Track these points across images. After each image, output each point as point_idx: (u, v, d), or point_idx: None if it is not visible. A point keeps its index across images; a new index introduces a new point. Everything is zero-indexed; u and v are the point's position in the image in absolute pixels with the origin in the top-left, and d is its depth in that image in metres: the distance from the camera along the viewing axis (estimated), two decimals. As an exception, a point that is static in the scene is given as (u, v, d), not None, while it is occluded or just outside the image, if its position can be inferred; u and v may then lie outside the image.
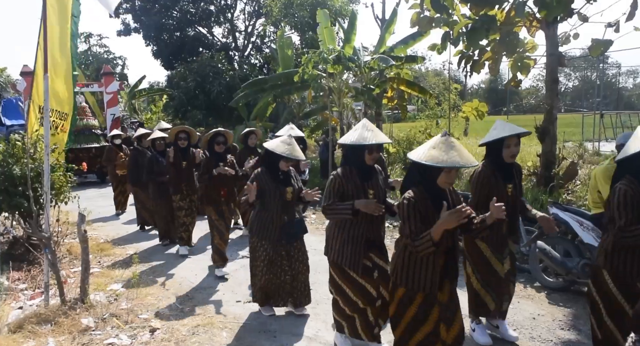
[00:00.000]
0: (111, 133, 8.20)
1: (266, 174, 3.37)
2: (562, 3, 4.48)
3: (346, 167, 2.78)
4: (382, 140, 2.68)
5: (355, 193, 2.69)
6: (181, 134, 5.22)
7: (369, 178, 2.78)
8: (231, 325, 3.48)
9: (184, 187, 5.30)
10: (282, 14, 14.75)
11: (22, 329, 3.26)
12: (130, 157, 6.63)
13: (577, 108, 21.31)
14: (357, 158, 2.73)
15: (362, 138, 2.64)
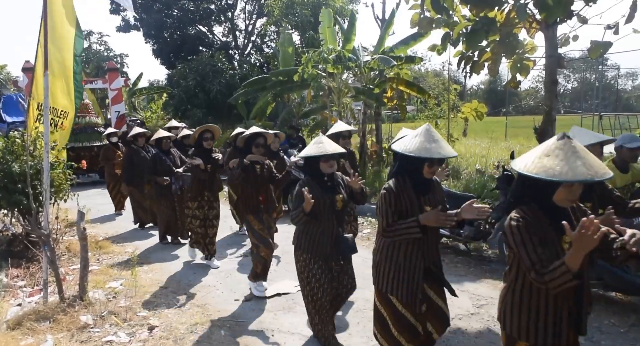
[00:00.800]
0: (107, 132, 8.08)
1: (311, 182, 2.92)
2: (561, 5, 4.49)
3: (399, 177, 2.41)
4: (448, 154, 2.29)
5: (410, 210, 2.33)
6: (206, 134, 4.72)
7: (426, 191, 2.42)
8: (229, 323, 3.49)
9: (207, 194, 4.81)
10: (283, 13, 14.75)
11: (21, 326, 3.27)
12: (125, 156, 6.55)
13: (576, 110, 21.37)
14: (414, 169, 2.37)
15: (424, 149, 2.27)
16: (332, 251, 2.92)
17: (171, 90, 16.25)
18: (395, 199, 2.33)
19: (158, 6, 19.84)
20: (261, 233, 3.92)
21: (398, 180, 2.40)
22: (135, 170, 6.29)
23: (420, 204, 2.37)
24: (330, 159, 2.88)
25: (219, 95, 14.43)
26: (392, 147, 2.50)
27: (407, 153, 2.28)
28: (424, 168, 2.34)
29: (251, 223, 3.93)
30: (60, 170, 4.65)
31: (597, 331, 3.23)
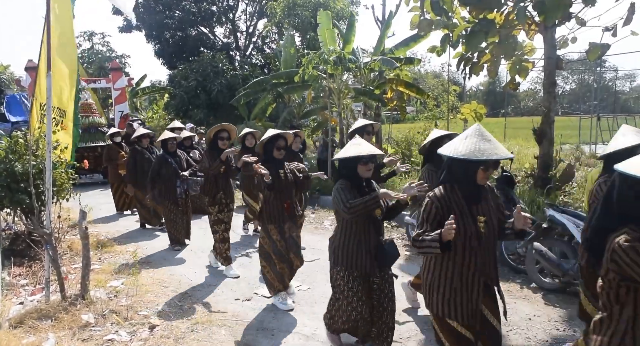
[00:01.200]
0: (110, 131, 7.98)
1: (348, 186, 2.65)
2: (560, 7, 4.54)
3: (447, 185, 2.16)
4: (505, 155, 2.02)
5: (461, 221, 2.07)
6: (222, 133, 4.51)
7: (478, 199, 2.16)
8: (230, 322, 3.51)
9: (222, 196, 4.56)
10: (284, 14, 14.79)
11: (23, 324, 3.29)
12: (129, 157, 6.50)
13: (575, 111, 21.42)
14: (467, 175, 2.11)
15: (478, 150, 2.01)
16: (372, 264, 2.65)
17: (172, 91, 16.28)
18: (436, 209, 2.09)
19: (160, 7, 19.90)
20: (278, 244, 3.62)
21: (446, 188, 2.15)
22: (139, 171, 6.27)
23: (472, 214, 2.11)
24: (369, 162, 2.64)
25: (220, 95, 14.47)
26: (439, 151, 2.21)
27: (459, 157, 2.03)
28: (477, 173, 2.09)
29: (270, 233, 3.63)
30: (63, 170, 4.67)
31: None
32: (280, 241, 3.64)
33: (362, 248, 2.66)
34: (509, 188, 4.43)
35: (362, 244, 2.66)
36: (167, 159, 5.42)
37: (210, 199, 4.54)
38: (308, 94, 9.72)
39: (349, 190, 2.62)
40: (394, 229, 6.23)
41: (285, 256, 3.67)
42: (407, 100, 10.20)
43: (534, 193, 5.90)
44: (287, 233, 3.68)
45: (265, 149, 3.67)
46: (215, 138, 4.50)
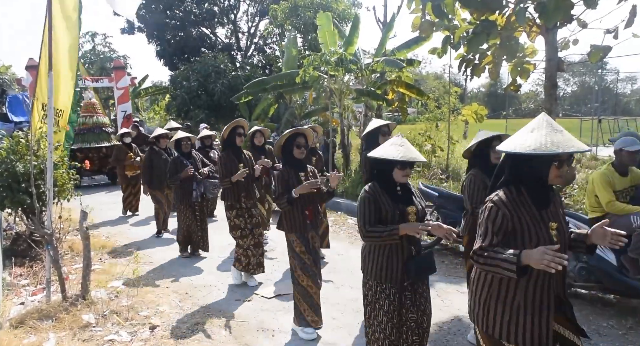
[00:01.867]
0: (120, 132, 7.74)
1: (378, 189, 2.38)
2: (561, 9, 4.53)
3: (511, 188, 1.83)
4: (582, 148, 1.72)
5: (533, 228, 1.76)
6: (239, 129, 4.30)
7: (548, 203, 1.84)
8: (230, 323, 3.51)
9: (244, 200, 4.25)
10: (286, 15, 14.81)
11: (24, 324, 3.29)
12: (145, 158, 6.20)
13: (576, 113, 21.40)
14: (538, 173, 1.79)
15: (551, 143, 1.68)
16: (403, 276, 2.35)
17: (174, 91, 16.31)
18: (503, 216, 1.76)
19: (161, 8, 19.95)
20: (303, 257, 3.20)
21: (510, 191, 1.82)
22: (155, 173, 5.98)
23: (544, 220, 1.79)
24: (409, 167, 2.35)
25: (222, 96, 14.49)
26: (498, 148, 1.91)
27: (528, 152, 1.70)
28: (550, 170, 1.76)
29: (293, 245, 3.23)
30: (64, 170, 4.68)
31: (595, 333, 3.25)
32: (305, 253, 3.21)
33: (392, 259, 2.36)
34: None
35: (393, 254, 2.36)
36: (182, 161, 5.11)
37: (229, 202, 4.24)
38: (309, 95, 9.74)
39: (375, 205, 2.33)
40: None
41: (314, 270, 3.22)
42: (408, 102, 10.21)
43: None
44: (310, 243, 3.26)
45: (284, 150, 3.29)
46: (232, 135, 4.27)
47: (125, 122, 12.26)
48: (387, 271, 2.36)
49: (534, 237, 1.75)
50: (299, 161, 3.28)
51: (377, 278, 2.39)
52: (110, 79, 13.39)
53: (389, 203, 2.35)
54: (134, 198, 7.50)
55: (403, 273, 2.35)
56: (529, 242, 1.73)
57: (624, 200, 3.52)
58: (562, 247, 1.80)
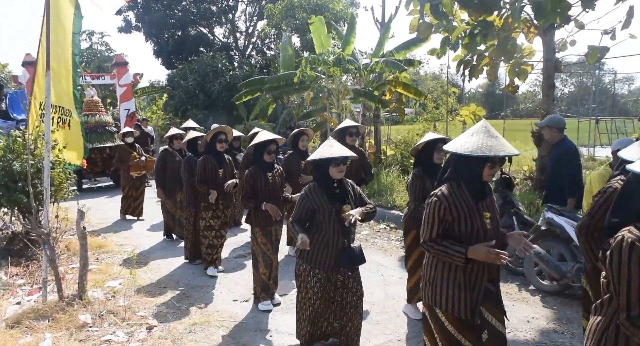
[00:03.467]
0: (123, 131, 7.34)
1: (316, 190, 2.76)
2: (558, 10, 4.55)
3: (452, 182, 2.14)
4: (512, 151, 2.04)
5: (469, 217, 2.08)
6: (221, 136, 4.42)
7: (484, 197, 2.17)
8: (227, 323, 3.51)
9: (221, 202, 4.47)
10: (282, 15, 14.80)
11: (20, 324, 3.27)
12: (158, 161, 5.83)
13: (573, 114, 21.49)
14: (474, 171, 2.10)
15: (485, 147, 2.01)
16: (335, 264, 2.76)
17: (171, 91, 16.26)
18: (445, 209, 2.07)
19: (159, 6, 19.89)
20: (263, 248, 3.66)
21: (452, 186, 2.13)
22: (168, 176, 5.65)
23: (479, 211, 2.11)
24: (341, 164, 2.71)
25: (220, 96, 14.45)
26: (444, 148, 2.23)
27: (466, 153, 2.02)
28: (484, 169, 2.08)
29: (257, 236, 3.67)
30: (61, 169, 4.66)
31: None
32: (266, 244, 3.67)
33: (327, 249, 2.76)
34: (507, 191, 4.44)
35: (328, 244, 2.76)
36: (195, 161, 4.87)
37: (206, 204, 4.43)
38: (307, 95, 9.73)
39: (312, 199, 2.74)
40: (392, 231, 6.23)
41: (270, 258, 3.69)
42: (406, 102, 10.22)
43: (533, 196, 5.91)
44: (273, 235, 3.72)
45: (256, 152, 3.67)
46: (213, 141, 4.42)
47: (129, 121, 11.71)
48: (322, 259, 2.76)
49: (469, 224, 2.08)
50: (268, 164, 3.68)
51: (312, 264, 2.79)
52: (112, 76, 12.74)
53: (325, 199, 2.74)
54: (134, 201, 7.12)
55: (335, 262, 2.76)
56: (464, 228, 2.07)
57: None
58: (494, 234, 2.16)
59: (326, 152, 2.71)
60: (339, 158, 2.69)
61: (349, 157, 2.72)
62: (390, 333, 3.33)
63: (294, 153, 4.87)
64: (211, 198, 4.39)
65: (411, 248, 3.54)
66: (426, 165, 3.33)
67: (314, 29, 9.60)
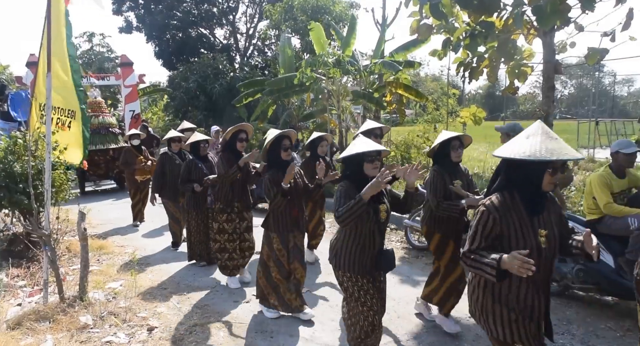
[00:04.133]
0: (129, 133, 7.15)
1: (352, 188, 2.48)
2: (558, 12, 4.56)
3: (505, 192, 1.88)
4: (576, 155, 1.78)
5: (521, 234, 1.81)
6: (241, 134, 4.14)
7: (541, 209, 1.88)
8: (228, 324, 3.51)
9: (237, 205, 4.18)
10: (282, 17, 14.82)
11: (21, 326, 3.28)
12: (157, 164, 5.61)
13: (573, 116, 21.51)
14: (531, 179, 1.83)
15: (545, 150, 1.74)
16: (372, 267, 2.53)
17: (172, 92, 16.28)
18: (494, 221, 1.81)
19: (160, 8, 19.94)
20: (278, 254, 3.44)
21: (504, 196, 1.86)
22: (168, 180, 5.45)
23: (534, 227, 1.84)
24: (375, 160, 2.49)
25: (220, 97, 14.47)
26: (495, 153, 1.93)
27: (523, 158, 1.75)
28: (544, 177, 1.81)
29: (272, 241, 3.45)
30: (62, 171, 4.66)
31: (593, 335, 3.27)
32: (282, 250, 3.46)
33: (365, 253, 2.51)
34: None
35: (366, 248, 2.51)
36: (197, 164, 4.73)
37: (221, 206, 4.16)
38: (307, 96, 9.74)
39: (351, 194, 2.40)
40: (392, 232, 6.24)
41: (286, 267, 3.47)
42: (407, 103, 10.24)
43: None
44: (291, 242, 3.48)
45: (271, 152, 3.44)
46: (233, 140, 4.12)
47: (134, 123, 11.46)
48: (361, 264, 2.52)
49: (520, 242, 1.80)
50: (285, 163, 3.39)
51: (354, 270, 2.52)
52: (117, 76, 12.50)
53: None
54: (142, 205, 6.99)
55: (372, 266, 2.53)
56: (515, 246, 1.78)
57: (621, 202, 3.54)
58: (551, 254, 1.88)
59: (359, 147, 2.48)
60: (374, 153, 2.48)
61: (383, 151, 2.55)
62: (391, 334, 3.33)
63: (312, 158, 4.54)
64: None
65: (438, 253, 3.27)
66: (444, 165, 3.18)
67: (313, 35, 9.63)
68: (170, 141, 5.58)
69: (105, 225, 7.00)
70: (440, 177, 3.13)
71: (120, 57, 13.09)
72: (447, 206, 3.04)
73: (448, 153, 3.16)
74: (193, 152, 4.85)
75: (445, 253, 3.23)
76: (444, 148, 3.17)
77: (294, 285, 3.52)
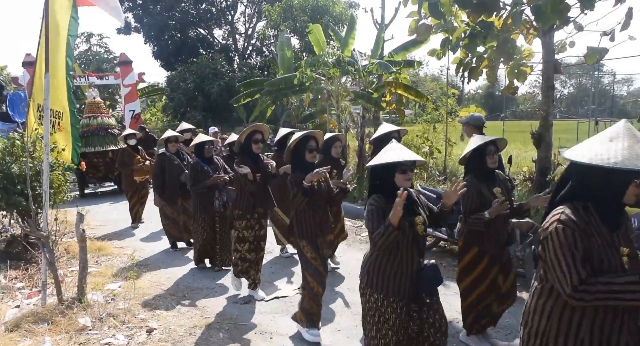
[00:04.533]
0: (125, 133, 6.91)
1: (381, 203, 2.20)
2: (557, 12, 4.55)
3: (578, 205, 1.58)
4: None
5: (604, 253, 1.51)
6: (257, 135, 3.87)
7: (619, 225, 1.60)
8: (228, 326, 3.50)
9: (256, 210, 3.91)
10: (281, 18, 14.83)
11: (19, 328, 3.26)
12: (155, 165, 5.46)
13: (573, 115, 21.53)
14: (614, 190, 1.55)
15: (637, 157, 1.45)
16: (412, 290, 2.21)
17: (170, 93, 16.26)
18: (581, 237, 1.50)
19: (158, 8, 19.93)
20: (314, 263, 3.14)
21: (576, 209, 1.56)
22: (167, 180, 5.35)
23: (615, 244, 1.55)
24: (408, 170, 2.20)
25: (219, 97, 14.46)
26: (566, 157, 1.63)
27: (609, 166, 1.45)
28: (629, 188, 1.53)
29: (304, 251, 3.17)
30: (60, 172, 4.64)
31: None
32: (316, 259, 3.14)
33: (401, 271, 2.21)
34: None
35: (402, 266, 2.21)
36: (203, 166, 4.55)
37: (240, 212, 3.88)
38: (306, 97, 9.73)
39: (383, 212, 2.14)
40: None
41: (322, 275, 3.17)
42: (406, 103, 10.23)
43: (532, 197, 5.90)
44: (320, 247, 3.21)
45: (295, 154, 3.17)
46: (248, 141, 3.84)
47: (134, 123, 11.25)
48: (397, 286, 2.20)
49: (605, 262, 1.50)
50: (310, 165, 3.10)
51: (386, 293, 2.21)
52: (116, 76, 12.27)
53: None
54: (140, 206, 6.87)
55: (412, 288, 2.20)
56: (599, 269, 1.49)
57: None
58: None
59: (391, 155, 2.18)
60: (408, 164, 2.19)
61: (418, 161, 2.26)
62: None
63: (326, 161, 4.16)
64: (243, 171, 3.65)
65: (468, 269, 3.01)
66: (479, 173, 2.91)
67: (312, 37, 9.63)
68: (167, 141, 5.46)
69: (104, 226, 6.98)
70: (474, 188, 2.84)
71: (120, 55, 12.80)
72: (473, 220, 2.81)
73: (483, 160, 2.89)
74: (198, 153, 4.65)
75: (474, 271, 2.96)
76: (478, 154, 2.90)
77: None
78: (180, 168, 5.36)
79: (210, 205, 4.57)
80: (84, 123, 9.21)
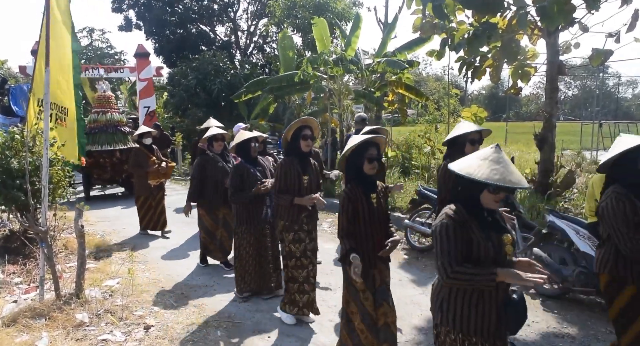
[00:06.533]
0: (139, 131, 6.08)
1: (466, 217, 1.85)
2: (563, 13, 4.52)
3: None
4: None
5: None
6: (305, 131, 3.30)
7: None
8: (225, 324, 3.48)
9: (305, 220, 3.35)
10: (284, 14, 14.79)
11: (16, 323, 3.26)
12: (196, 169, 4.67)
13: (576, 117, 21.45)
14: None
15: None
16: (498, 326, 1.87)
17: (172, 89, 16.23)
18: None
19: (160, 5, 19.90)
20: (361, 296, 2.55)
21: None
22: (208, 186, 4.59)
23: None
24: (502, 191, 1.82)
25: (220, 94, 14.42)
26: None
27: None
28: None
29: (351, 292, 2.64)
30: (59, 167, 4.63)
31: (593, 338, 3.24)
32: (365, 292, 2.56)
33: (483, 305, 1.85)
34: (508, 193, 4.39)
35: (485, 298, 1.84)
36: (249, 169, 3.79)
37: (286, 223, 3.34)
38: (308, 95, 9.70)
39: (464, 235, 1.82)
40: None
41: (370, 314, 2.58)
42: (408, 103, 10.19)
43: (534, 199, 5.87)
44: (377, 280, 2.62)
45: (350, 163, 2.60)
46: (295, 139, 3.32)
47: (148, 121, 10.47)
48: (481, 322, 1.85)
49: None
50: (369, 178, 2.59)
51: (468, 331, 1.87)
52: (131, 69, 11.48)
53: (478, 231, 1.82)
54: (154, 213, 5.99)
55: (496, 321, 1.86)
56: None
57: None
58: None
59: (492, 173, 1.77)
60: (510, 189, 1.79)
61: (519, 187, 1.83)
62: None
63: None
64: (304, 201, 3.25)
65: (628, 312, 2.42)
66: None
67: (316, 31, 9.58)
68: (212, 140, 4.59)
69: (103, 222, 6.98)
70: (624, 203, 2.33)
71: (137, 47, 11.73)
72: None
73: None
74: (242, 154, 3.88)
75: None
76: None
77: (383, 332, 2.56)
78: (225, 172, 4.54)
79: (258, 215, 3.81)
80: (91, 118, 8.45)
